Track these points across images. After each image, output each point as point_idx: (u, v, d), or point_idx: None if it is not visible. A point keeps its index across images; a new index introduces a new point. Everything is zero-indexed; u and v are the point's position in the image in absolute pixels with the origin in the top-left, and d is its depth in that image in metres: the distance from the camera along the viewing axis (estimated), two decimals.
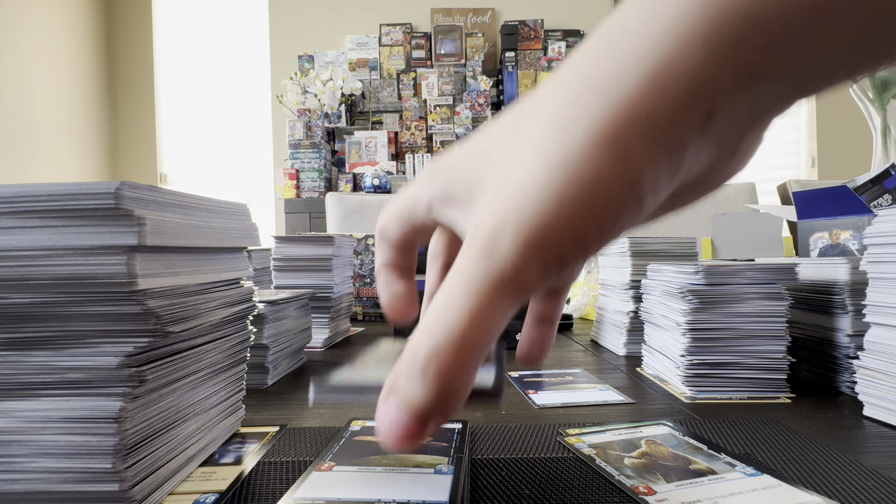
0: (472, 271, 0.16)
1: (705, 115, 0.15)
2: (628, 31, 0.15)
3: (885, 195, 0.66)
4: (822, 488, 0.27)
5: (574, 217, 0.15)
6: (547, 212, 0.15)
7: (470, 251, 0.17)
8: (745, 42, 0.14)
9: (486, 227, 0.17)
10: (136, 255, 0.23)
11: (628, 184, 0.15)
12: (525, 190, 0.16)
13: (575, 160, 0.15)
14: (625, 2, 0.16)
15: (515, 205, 0.16)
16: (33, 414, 0.23)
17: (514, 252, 0.16)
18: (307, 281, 0.71)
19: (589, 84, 0.15)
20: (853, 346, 0.44)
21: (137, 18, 3.04)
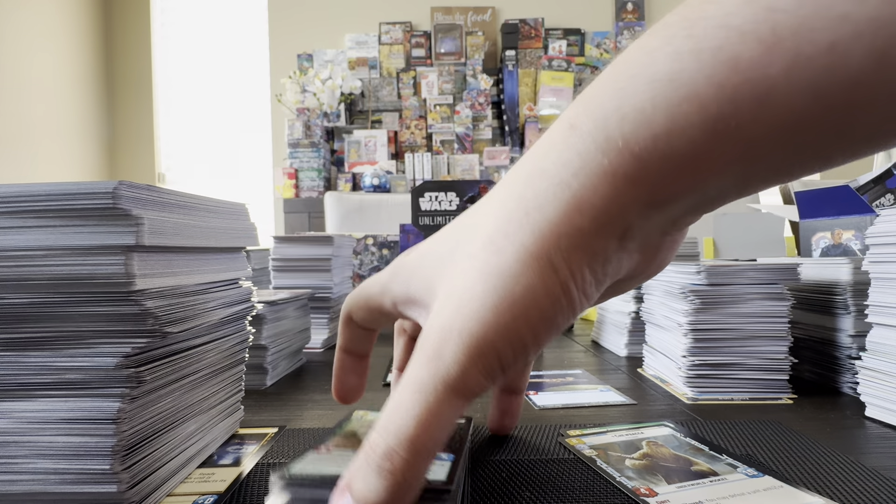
0: (421, 376, 0.18)
1: (621, 233, 0.17)
2: (551, 162, 0.17)
3: (887, 195, 0.66)
4: (824, 489, 0.26)
5: (510, 327, 0.17)
6: (486, 323, 0.17)
7: (420, 357, 0.19)
8: (641, 181, 0.16)
9: (433, 335, 0.18)
10: (133, 255, 0.23)
11: (556, 295, 0.17)
12: (466, 302, 0.18)
13: (508, 277, 0.17)
14: (547, 134, 0.19)
15: (458, 316, 0.18)
16: (31, 415, 0.23)
17: (457, 359, 0.17)
18: (306, 281, 0.71)
19: (521, 209, 0.18)
20: (855, 347, 0.43)
21: (136, 17, 3.03)
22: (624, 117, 0.16)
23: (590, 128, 0.17)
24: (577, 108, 0.18)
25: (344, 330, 0.27)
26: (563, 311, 0.18)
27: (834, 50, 0.13)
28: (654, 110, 0.15)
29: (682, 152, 0.15)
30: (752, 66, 0.14)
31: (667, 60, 0.15)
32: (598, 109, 0.17)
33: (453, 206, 0.73)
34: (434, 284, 0.21)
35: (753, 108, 0.14)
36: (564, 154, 0.17)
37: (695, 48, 0.14)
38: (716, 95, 0.14)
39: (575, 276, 0.17)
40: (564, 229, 0.17)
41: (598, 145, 0.16)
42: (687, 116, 0.15)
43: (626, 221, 0.17)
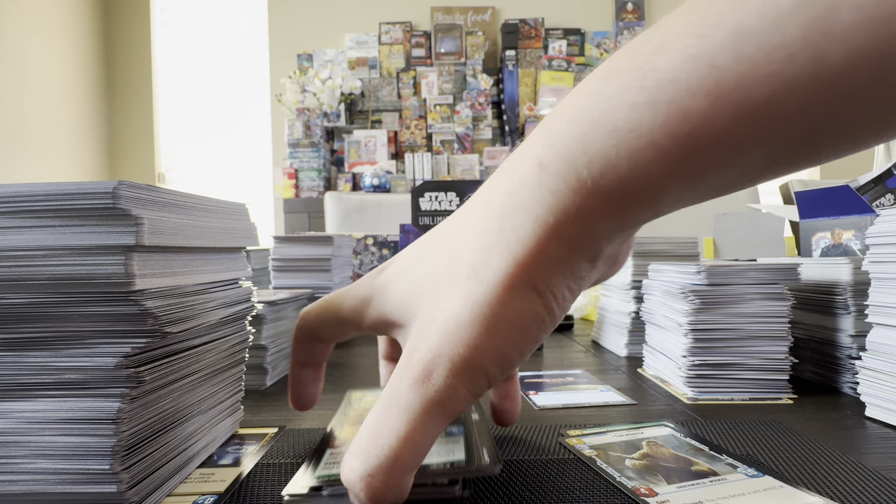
0: (408, 397, 0.19)
1: (593, 256, 0.20)
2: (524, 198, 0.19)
3: (887, 195, 0.66)
4: (825, 490, 0.26)
5: (499, 349, 0.19)
6: (476, 347, 0.19)
7: (404, 378, 0.20)
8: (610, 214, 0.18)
9: (419, 359, 0.19)
10: (133, 255, 0.23)
11: (542, 316, 0.19)
12: (453, 329, 0.19)
13: (496, 304, 0.19)
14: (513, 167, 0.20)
15: (447, 342, 0.19)
16: (31, 415, 0.23)
17: (445, 381, 0.19)
18: (306, 281, 0.71)
19: (502, 242, 0.19)
20: (855, 347, 0.43)
21: (135, 17, 3.03)
22: (591, 161, 0.18)
23: (559, 168, 0.18)
24: (543, 146, 0.19)
25: (301, 347, 0.28)
26: (546, 327, 0.20)
27: (769, 101, 0.15)
28: (618, 157, 0.17)
29: (643, 191, 0.17)
30: (700, 118, 0.16)
31: (625, 110, 0.17)
32: (565, 151, 0.18)
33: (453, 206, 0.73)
34: (412, 307, 0.22)
35: (705, 151, 0.16)
36: (537, 191, 0.19)
37: (649, 100, 0.16)
38: (670, 144, 0.16)
39: (556, 295, 0.20)
40: (544, 259, 0.19)
41: (570, 185, 0.18)
42: (648, 162, 0.17)
43: (597, 246, 0.19)
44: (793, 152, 0.16)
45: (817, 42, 0.14)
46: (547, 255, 0.19)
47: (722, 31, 0.15)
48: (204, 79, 3.06)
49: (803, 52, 0.14)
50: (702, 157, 0.16)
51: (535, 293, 0.19)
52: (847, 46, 0.13)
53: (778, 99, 0.15)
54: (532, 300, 0.19)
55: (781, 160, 0.16)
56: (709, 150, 0.16)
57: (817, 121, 0.15)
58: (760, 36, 0.14)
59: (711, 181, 0.17)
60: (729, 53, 0.15)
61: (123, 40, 3.05)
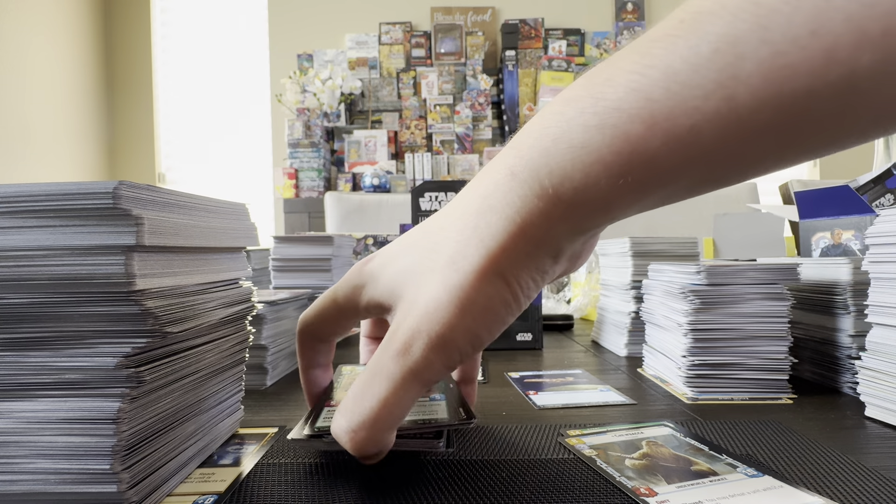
0: (390, 366, 0.23)
1: (555, 253, 0.23)
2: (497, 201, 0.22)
3: (886, 195, 0.66)
4: (824, 489, 0.26)
5: (470, 328, 0.22)
6: (452, 326, 0.22)
7: (388, 350, 0.23)
8: (567, 218, 0.21)
9: (401, 335, 0.23)
10: (133, 255, 0.23)
11: (508, 301, 0.23)
12: (433, 309, 0.22)
13: (470, 289, 0.22)
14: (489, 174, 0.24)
15: (426, 320, 0.22)
16: (31, 415, 0.23)
17: (423, 353, 0.22)
18: (306, 281, 0.71)
19: (476, 237, 0.22)
20: (855, 347, 0.43)
21: (136, 17, 3.03)
22: (552, 173, 0.21)
23: (526, 177, 0.22)
24: (514, 158, 0.22)
25: (305, 350, 0.31)
26: (512, 312, 0.23)
27: (692, 131, 0.18)
28: (573, 170, 0.20)
29: (595, 199, 0.21)
30: (638, 141, 0.18)
31: (580, 131, 0.20)
32: (531, 163, 0.21)
33: None
34: (399, 291, 0.25)
35: (643, 168, 0.19)
36: (508, 196, 0.22)
37: (599, 123, 0.19)
38: (615, 161, 0.19)
39: (521, 285, 0.23)
40: (512, 253, 0.22)
41: (534, 192, 0.21)
42: (597, 175, 0.20)
43: (558, 245, 0.23)
44: (717, 172, 0.19)
45: (727, 84, 0.17)
46: (515, 250, 0.22)
47: (656, 72, 0.18)
48: (204, 79, 3.06)
49: (717, 91, 0.17)
50: (641, 174, 0.19)
51: (503, 282, 0.22)
52: (752, 89, 0.16)
53: (699, 128, 0.17)
54: (501, 288, 0.22)
55: (709, 179, 0.20)
56: (646, 167, 0.19)
57: (734, 148, 0.18)
58: (684, 77, 0.17)
59: (653, 194, 0.20)
60: (661, 90, 0.18)
61: (123, 40, 3.05)
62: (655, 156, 0.18)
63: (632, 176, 0.19)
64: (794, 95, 0.16)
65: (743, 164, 0.19)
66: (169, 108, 3.09)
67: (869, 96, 0.15)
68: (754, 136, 0.17)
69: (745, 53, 0.16)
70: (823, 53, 0.15)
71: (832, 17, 0.15)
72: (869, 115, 0.16)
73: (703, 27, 0.17)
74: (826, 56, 0.15)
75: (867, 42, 0.15)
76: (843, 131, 0.17)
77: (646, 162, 0.19)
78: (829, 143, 0.17)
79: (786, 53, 0.15)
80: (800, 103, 0.16)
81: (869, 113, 0.16)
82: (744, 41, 0.16)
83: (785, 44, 0.15)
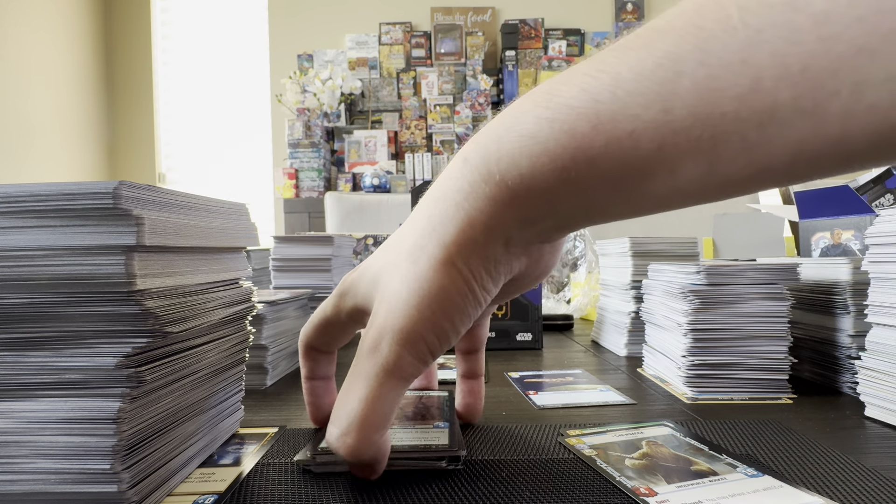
0: (364, 366, 0.23)
1: (504, 241, 0.23)
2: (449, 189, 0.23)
3: (886, 195, 0.66)
4: (824, 489, 0.26)
5: (431, 319, 0.22)
6: (412, 318, 0.22)
7: (362, 350, 0.24)
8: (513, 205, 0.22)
9: (371, 333, 0.23)
10: (134, 255, 0.23)
11: (463, 291, 0.23)
12: (394, 303, 0.23)
13: (424, 280, 0.22)
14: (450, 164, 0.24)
15: (390, 316, 0.23)
16: (31, 415, 0.23)
17: (392, 349, 0.23)
18: (306, 281, 0.71)
19: (430, 227, 0.23)
20: (855, 347, 0.43)
21: (136, 17, 3.03)
22: (500, 159, 0.21)
23: (477, 163, 0.22)
24: (471, 145, 0.23)
25: (306, 360, 0.32)
26: (470, 302, 0.23)
27: (632, 136, 0.18)
28: (521, 157, 0.21)
29: (539, 188, 0.21)
30: (583, 138, 0.19)
31: (531, 122, 0.21)
32: (483, 149, 0.22)
33: None
34: (373, 293, 0.25)
35: (585, 165, 0.20)
36: (459, 182, 0.23)
37: (549, 117, 0.20)
38: (561, 154, 0.20)
39: (475, 275, 0.23)
40: (462, 241, 0.22)
41: (482, 177, 0.22)
42: (543, 165, 0.20)
43: (507, 233, 0.23)
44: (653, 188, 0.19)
45: (667, 97, 0.17)
46: (464, 238, 0.22)
47: (606, 76, 0.19)
48: (204, 79, 3.06)
49: (656, 102, 0.18)
50: (584, 172, 0.20)
51: (455, 271, 0.22)
52: (687, 105, 0.17)
53: (638, 135, 0.18)
54: (454, 277, 0.22)
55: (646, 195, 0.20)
56: (589, 166, 0.19)
57: (669, 162, 0.18)
58: (629, 84, 0.18)
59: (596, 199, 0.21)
60: (608, 93, 0.19)
61: (124, 40, 3.05)
62: (597, 155, 0.19)
63: (575, 171, 0.20)
64: (722, 117, 0.17)
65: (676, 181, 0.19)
66: (169, 108, 3.09)
67: (787, 130, 0.16)
68: (688, 152, 0.18)
69: (684, 71, 0.17)
70: (750, 81, 0.16)
71: (761, 49, 0.16)
72: (787, 149, 0.17)
73: (652, 43, 0.18)
74: (752, 84, 0.16)
75: (788, 76, 0.15)
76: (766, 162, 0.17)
77: (588, 160, 0.19)
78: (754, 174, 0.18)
79: (718, 77, 0.17)
80: (728, 125, 0.17)
81: (787, 148, 0.16)
82: (684, 60, 0.17)
83: (719, 68, 0.17)
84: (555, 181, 0.20)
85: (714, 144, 0.17)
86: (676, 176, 0.19)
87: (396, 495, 0.26)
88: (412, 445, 0.29)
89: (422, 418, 0.34)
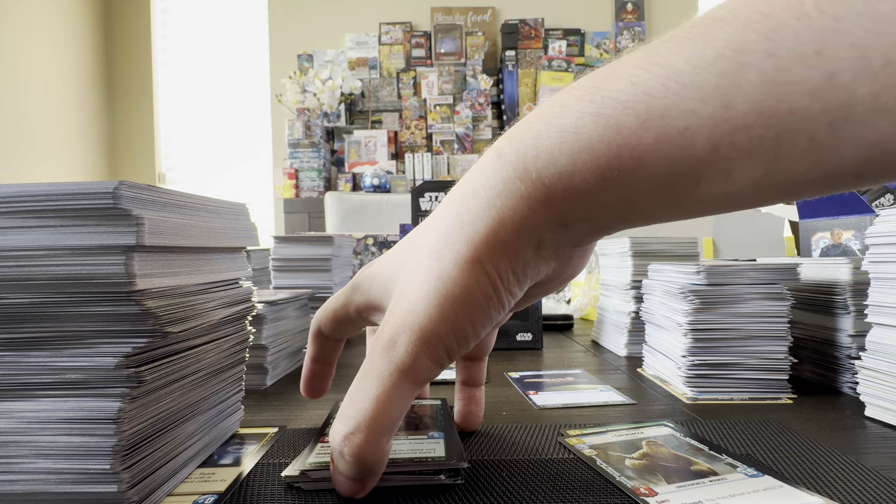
0: (378, 365, 0.22)
1: (536, 243, 0.22)
2: (480, 185, 0.22)
3: (886, 195, 0.66)
4: (824, 489, 0.26)
5: (452, 320, 0.21)
6: (432, 318, 0.21)
7: (376, 348, 0.22)
8: (549, 205, 0.20)
9: (387, 330, 0.22)
10: (134, 255, 0.23)
11: (488, 293, 0.21)
12: (414, 301, 0.22)
13: (448, 279, 0.21)
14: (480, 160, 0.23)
15: (409, 314, 0.22)
16: (31, 415, 0.23)
17: (409, 350, 0.21)
18: (306, 281, 0.71)
19: (458, 223, 0.22)
20: (855, 347, 0.43)
21: (136, 17, 3.03)
22: (538, 155, 0.20)
23: (512, 159, 0.21)
24: (504, 140, 0.22)
25: (314, 343, 0.31)
26: (494, 305, 0.22)
27: (685, 133, 0.17)
28: (561, 154, 0.19)
29: (578, 189, 0.20)
30: (630, 134, 0.18)
31: (574, 116, 0.19)
32: (519, 145, 0.21)
33: None
34: (390, 290, 0.24)
35: (631, 165, 0.18)
36: (492, 178, 0.21)
37: (594, 112, 0.19)
38: (605, 151, 0.18)
39: (502, 277, 0.22)
40: (492, 240, 0.21)
41: (518, 174, 0.21)
42: (584, 163, 0.19)
43: (539, 235, 0.21)
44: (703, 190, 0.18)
45: (727, 91, 0.16)
46: (494, 237, 0.21)
47: (659, 69, 0.18)
48: (204, 79, 3.06)
49: (715, 97, 0.16)
50: (628, 170, 0.18)
51: (482, 271, 0.21)
52: (750, 100, 0.16)
53: (692, 133, 0.17)
54: (480, 277, 0.21)
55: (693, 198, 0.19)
56: (634, 165, 0.18)
57: (723, 164, 0.17)
58: (685, 77, 0.17)
59: (637, 201, 0.19)
60: (660, 87, 0.17)
61: (124, 41, 3.05)
62: (645, 153, 0.18)
63: (619, 171, 0.18)
64: (790, 114, 0.15)
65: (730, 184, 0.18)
66: (169, 108, 3.09)
67: (864, 129, 0.15)
68: (747, 152, 0.17)
69: (749, 63, 0.16)
70: (825, 76, 0.15)
71: (839, 40, 0.14)
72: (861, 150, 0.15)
73: (712, 32, 0.17)
74: (828, 78, 0.15)
75: (868, 70, 0.14)
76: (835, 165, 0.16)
77: (635, 159, 0.18)
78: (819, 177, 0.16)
79: (788, 70, 0.15)
80: (795, 123, 0.15)
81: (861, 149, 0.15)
82: (750, 51, 0.16)
83: (789, 59, 0.15)
84: (595, 181, 0.19)
85: (778, 144, 0.16)
86: (731, 178, 0.17)
87: (396, 495, 0.26)
88: (407, 459, 0.28)
89: (415, 428, 0.33)
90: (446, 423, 0.34)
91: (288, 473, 0.28)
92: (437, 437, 0.31)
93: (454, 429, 0.33)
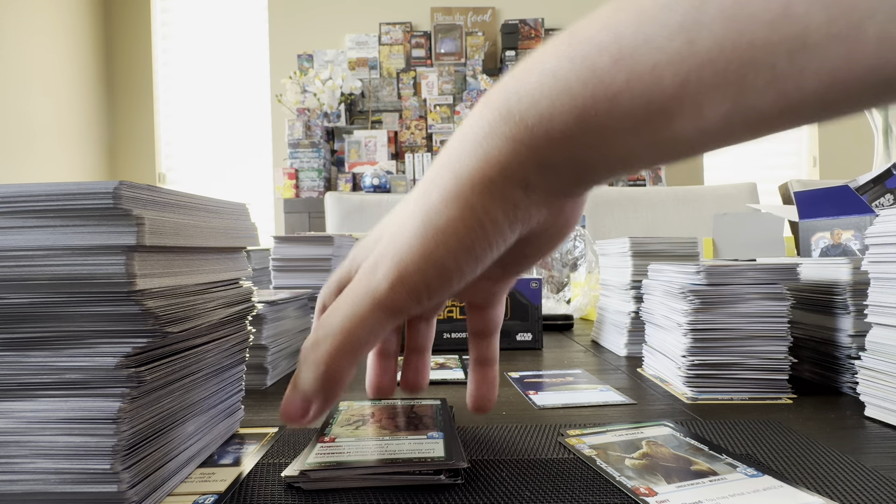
0: (355, 288, 0.23)
1: (523, 185, 0.22)
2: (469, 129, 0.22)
3: (886, 195, 0.66)
4: (824, 489, 0.26)
5: (434, 253, 0.22)
6: (413, 249, 0.22)
7: (358, 274, 0.23)
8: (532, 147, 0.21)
9: (371, 259, 0.23)
10: (134, 255, 0.23)
11: (473, 227, 0.22)
12: (398, 235, 0.22)
13: (433, 213, 0.22)
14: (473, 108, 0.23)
15: (392, 245, 0.22)
16: (31, 415, 0.23)
17: (387, 277, 0.22)
18: (306, 281, 0.71)
19: (445, 163, 0.23)
20: (855, 347, 0.43)
21: (136, 17, 3.03)
22: (521, 98, 0.21)
23: (497, 104, 0.22)
24: (494, 88, 0.23)
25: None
26: (479, 242, 0.22)
27: (654, 70, 0.18)
28: (542, 96, 0.20)
29: (559, 129, 0.20)
30: (604, 74, 0.19)
31: (552, 60, 0.20)
32: (504, 90, 0.22)
33: None
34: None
35: (606, 105, 0.19)
36: (479, 122, 0.22)
37: (570, 54, 0.20)
38: (581, 91, 0.19)
39: (489, 213, 0.22)
40: (478, 177, 0.21)
41: (502, 116, 0.21)
42: (563, 104, 0.20)
43: (526, 176, 0.22)
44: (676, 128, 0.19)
45: (691, 28, 0.17)
46: (480, 174, 0.22)
47: (629, 10, 0.19)
48: (204, 79, 3.06)
49: (680, 34, 0.17)
50: (605, 110, 0.19)
51: (468, 206, 0.22)
52: (712, 34, 0.16)
53: (660, 70, 0.18)
54: (465, 212, 0.22)
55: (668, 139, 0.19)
56: (610, 104, 0.19)
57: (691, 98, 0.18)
58: (652, 17, 0.18)
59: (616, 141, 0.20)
60: (631, 28, 0.18)
61: (124, 41, 3.05)
62: (619, 92, 0.18)
63: (595, 111, 0.19)
64: (750, 46, 0.16)
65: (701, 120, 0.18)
66: (169, 109, 3.09)
67: (820, 58, 0.15)
68: (713, 86, 0.17)
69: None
70: (781, 6, 0.15)
71: None
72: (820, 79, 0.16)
73: None
74: (784, 9, 0.15)
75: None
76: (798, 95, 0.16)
77: (609, 98, 0.19)
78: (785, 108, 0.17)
79: (748, 3, 0.16)
80: (756, 55, 0.16)
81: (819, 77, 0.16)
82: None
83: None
84: (575, 121, 0.20)
85: (742, 77, 0.17)
86: (702, 114, 0.18)
87: (396, 495, 0.26)
88: (407, 459, 0.28)
89: (414, 428, 0.33)
90: (446, 423, 0.34)
91: (288, 473, 0.28)
92: (437, 437, 0.31)
93: (454, 429, 0.33)
